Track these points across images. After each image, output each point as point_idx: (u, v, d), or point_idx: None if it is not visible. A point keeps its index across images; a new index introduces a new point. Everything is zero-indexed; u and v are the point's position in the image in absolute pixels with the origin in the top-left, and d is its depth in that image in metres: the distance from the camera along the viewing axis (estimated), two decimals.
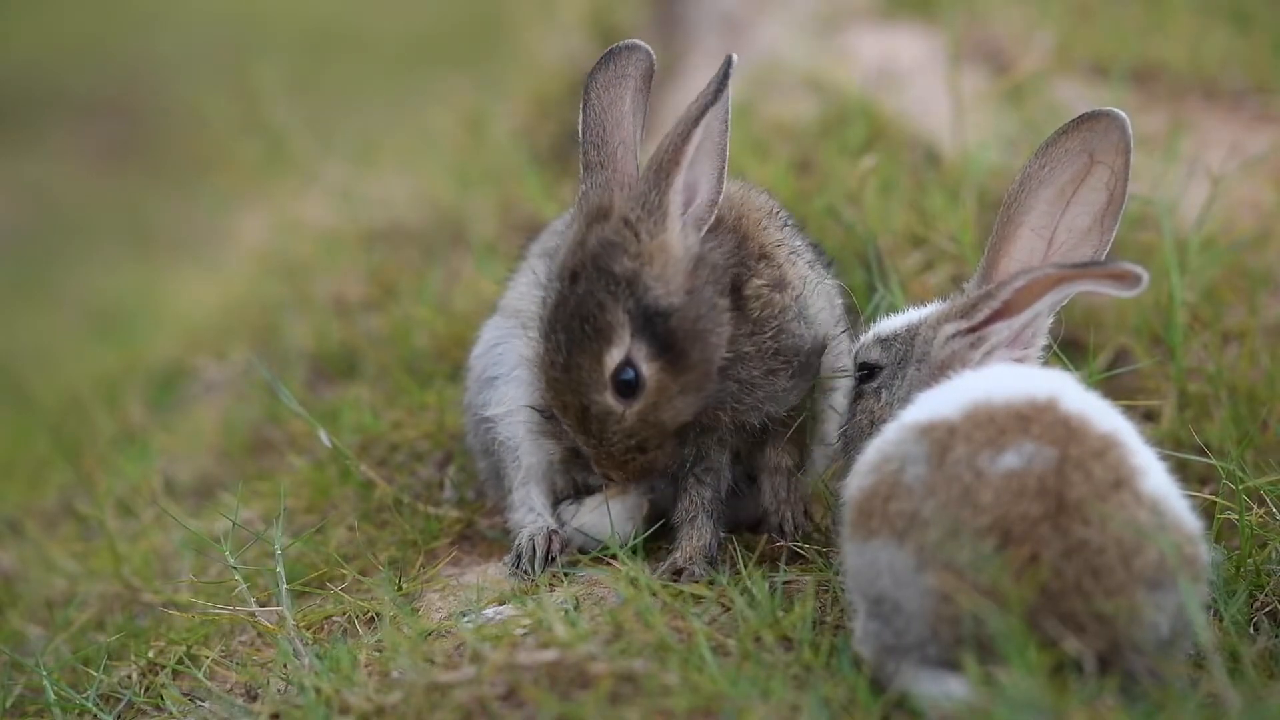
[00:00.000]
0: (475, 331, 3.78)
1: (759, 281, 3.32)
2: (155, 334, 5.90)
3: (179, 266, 6.79)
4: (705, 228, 3.26)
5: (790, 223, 3.51)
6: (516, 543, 3.48)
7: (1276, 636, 3.11)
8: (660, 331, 3.19)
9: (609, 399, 3.22)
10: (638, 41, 3.35)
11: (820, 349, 3.39)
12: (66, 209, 9.30)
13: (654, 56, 3.34)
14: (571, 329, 3.19)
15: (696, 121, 3.19)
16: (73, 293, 7.82)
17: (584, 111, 3.31)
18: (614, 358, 3.19)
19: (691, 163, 3.22)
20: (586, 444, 3.30)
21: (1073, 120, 3.22)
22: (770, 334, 3.31)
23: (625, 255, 3.19)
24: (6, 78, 10.60)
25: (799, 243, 3.48)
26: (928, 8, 5.79)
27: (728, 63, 3.22)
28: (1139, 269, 2.95)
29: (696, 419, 3.32)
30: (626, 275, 3.18)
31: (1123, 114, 3.19)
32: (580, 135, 3.31)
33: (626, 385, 3.20)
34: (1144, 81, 5.22)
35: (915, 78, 5.15)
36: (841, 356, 3.45)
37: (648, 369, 3.20)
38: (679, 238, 3.21)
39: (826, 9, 5.92)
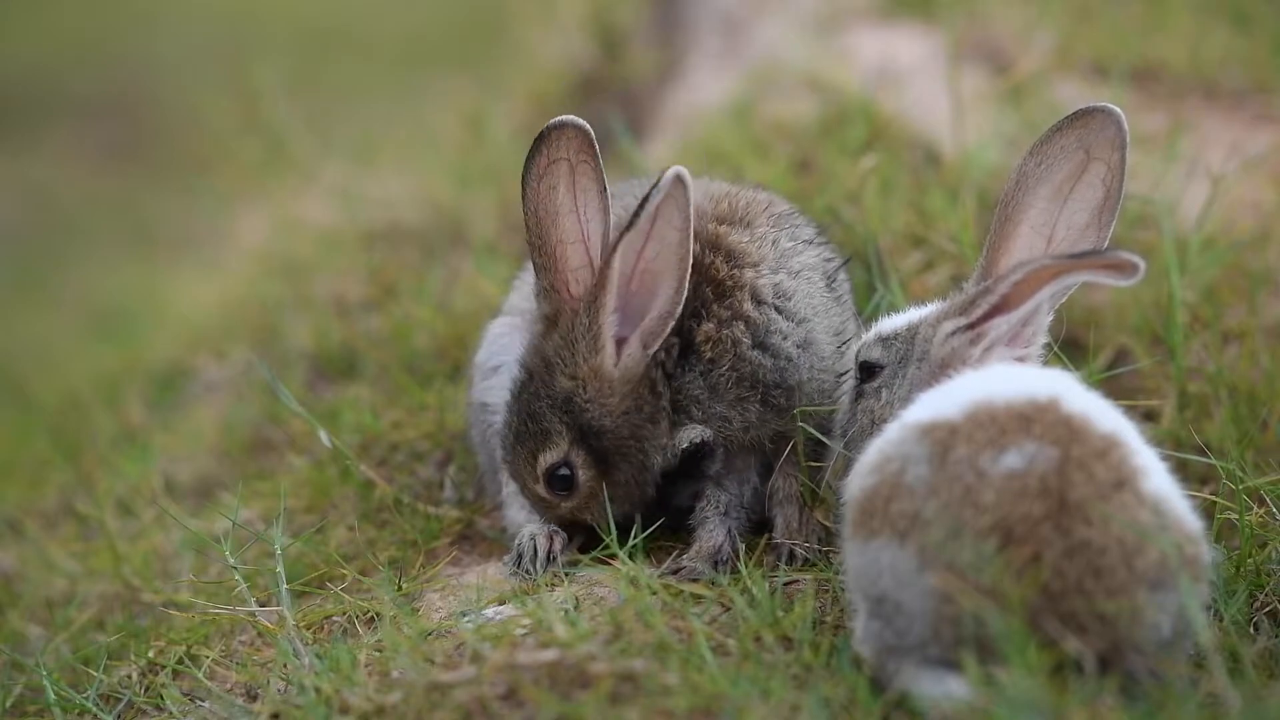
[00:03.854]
0: (476, 332, 3.78)
1: (708, 326, 3.34)
2: (155, 334, 5.89)
3: (179, 266, 6.78)
4: (658, 344, 3.29)
5: (782, 222, 3.47)
6: (517, 542, 3.47)
7: (1276, 636, 3.11)
8: (595, 446, 3.33)
9: (541, 491, 3.41)
10: (565, 119, 3.23)
11: (806, 378, 3.37)
12: (66, 209, 9.28)
13: (587, 129, 3.22)
14: (521, 418, 3.38)
15: (614, 248, 3.20)
16: (73, 293, 7.81)
17: (523, 207, 3.28)
18: (547, 459, 3.37)
19: (635, 280, 3.24)
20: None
21: (1067, 116, 3.20)
22: (726, 368, 3.34)
23: (564, 375, 3.32)
24: (6, 78, 10.58)
25: (788, 244, 3.43)
26: (928, 8, 5.78)
27: (657, 181, 3.15)
28: (1136, 257, 2.94)
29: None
30: (564, 393, 3.33)
31: (1117, 109, 3.17)
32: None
33: (562, 482, 3.38)
34: (1144, 81, 5.21)
35: (915, 78, 5.14)
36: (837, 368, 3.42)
37: (584, 474, 3.37)
38: (611, 362, 3.29)
39: (826, 9, 5.90)
